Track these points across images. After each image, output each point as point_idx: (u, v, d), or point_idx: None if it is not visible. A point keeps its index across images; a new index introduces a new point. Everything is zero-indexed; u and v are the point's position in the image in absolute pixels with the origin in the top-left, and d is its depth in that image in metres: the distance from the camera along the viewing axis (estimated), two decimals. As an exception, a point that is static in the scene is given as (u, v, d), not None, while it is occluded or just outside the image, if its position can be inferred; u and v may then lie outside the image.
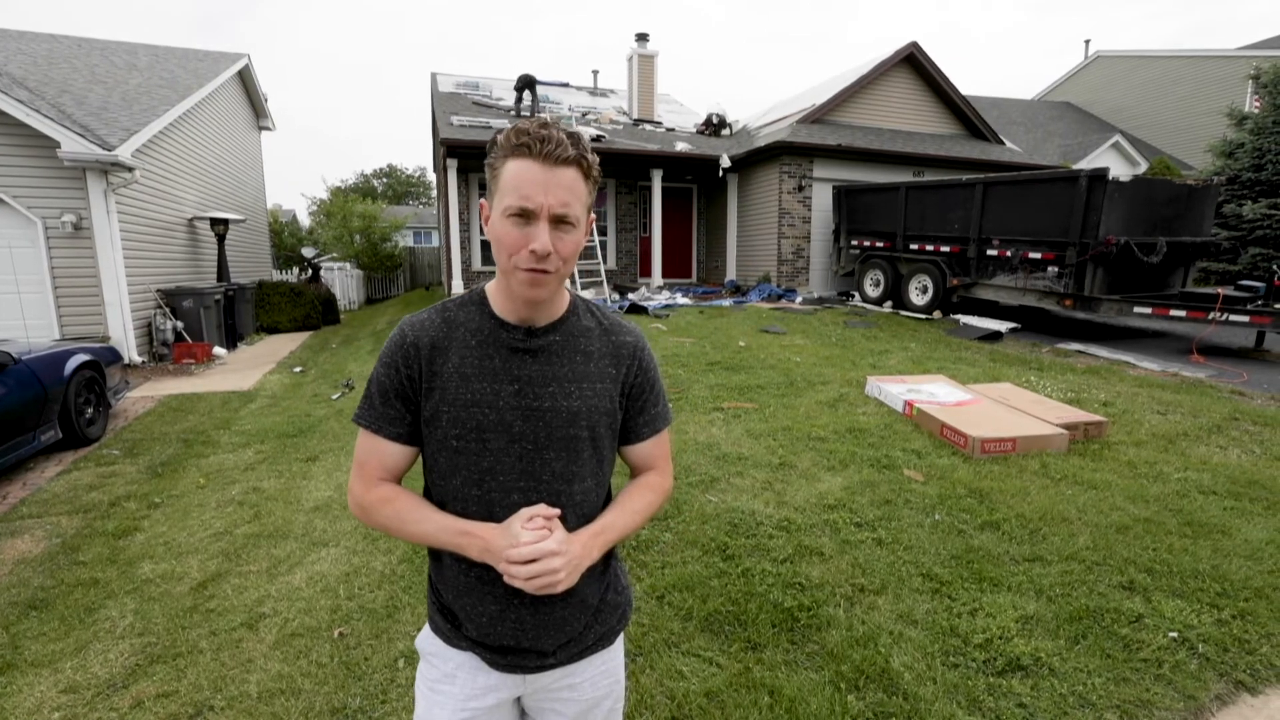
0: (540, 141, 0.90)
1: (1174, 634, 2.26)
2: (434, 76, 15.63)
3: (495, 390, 0.99)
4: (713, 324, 8.61)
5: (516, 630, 1.03)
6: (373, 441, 1.04)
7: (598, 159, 0.98)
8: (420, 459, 1.09)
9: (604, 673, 1.14)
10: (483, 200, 1.02)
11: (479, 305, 1.04)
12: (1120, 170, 16.64)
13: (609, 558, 1.14)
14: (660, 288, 12.74)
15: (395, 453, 1.05)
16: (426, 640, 1.13)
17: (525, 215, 0.91)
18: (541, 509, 0.98)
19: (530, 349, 1.02)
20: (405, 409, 1.03)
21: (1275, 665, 2.13)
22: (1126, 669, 2.11)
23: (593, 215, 1.04)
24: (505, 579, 0.95)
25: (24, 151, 7.27)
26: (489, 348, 1.01)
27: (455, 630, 1.08)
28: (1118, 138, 18.09)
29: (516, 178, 0.91)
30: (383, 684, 2.14)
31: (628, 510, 1.09)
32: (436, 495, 1.05)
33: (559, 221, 0.92)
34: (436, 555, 1.09)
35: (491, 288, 1.06)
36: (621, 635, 1.19)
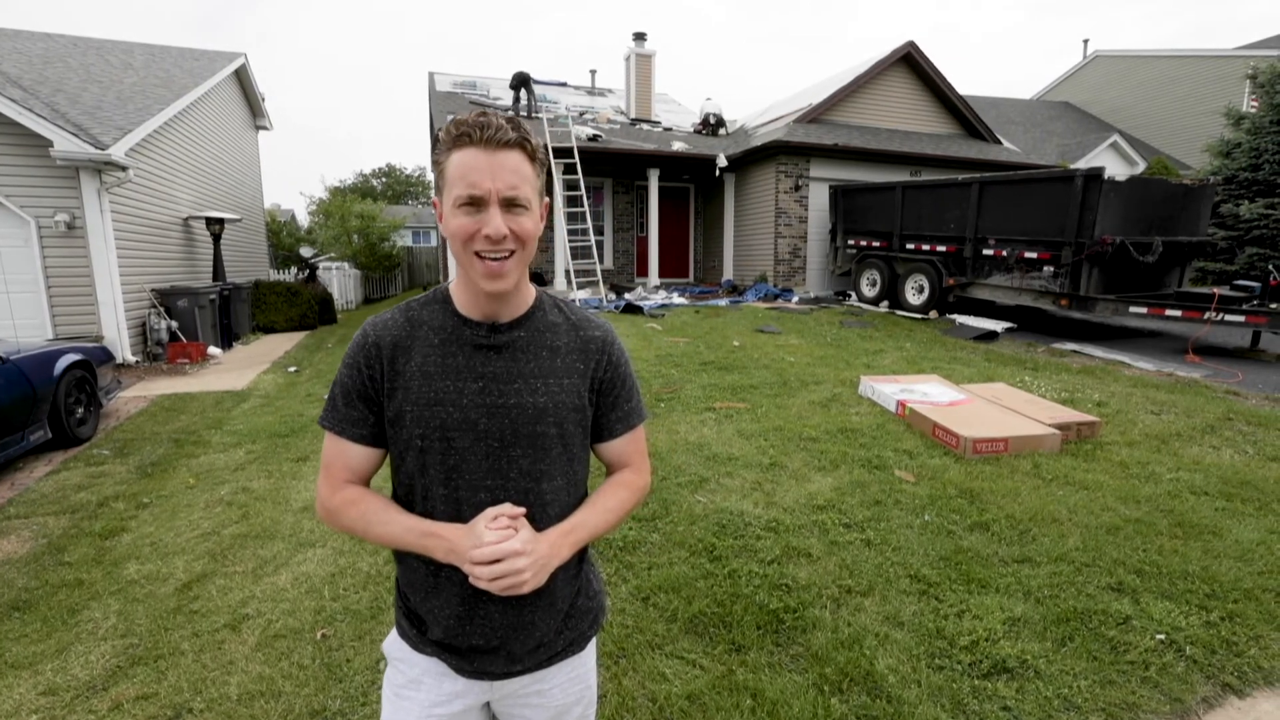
0: (480, 128, 0.90)
1: (1161, 636, 2.24)
2: (431, 76, 15.61)
3: (459, 388, 0.98)
4: (708, 324, 8.59)
5: (485, 632, 1.02)
6: (338, 444, 1.03)
7: (541, 142, 0.98)
8: (388, 460, 1.07)
9: (574, 679, 1.12)
10: (435, 198, 1.01)
11: (442, 303, 1.04)
12: (1118, 170, 16.63)
13: (581, 561, 1.12)
14: (657, 287, 12.72)
15: (360, 455, 1.03)
16: (393, 644, 1.11)
17: (475, 203, 0.91)
18: (506, 508, 0.97)
19: (494, 345, 1.01)
20: (369, 410, 1.02)
21: (1263, 668, 2.11)
22: (1113, 671, 2.09)
23: (547, 200, 1.02)
24: (470, 580, 0.93)
25: (17, 150, 7.24)
26: (452, 345, 1.00)
27: (420, 634, 1.06)
28: (1116, 137, 18.08)
29: (462, 167, 0.90)
30: (363, 686, 2.12)
31: (600, 509, 1.07)
32: (404, 495, 1.04)
33: (510, 205, 0.92)
34: (402, 557, 1.07)
35: (454, 286, 1.05)
36: (594, 641, 1.18)
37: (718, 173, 12.78)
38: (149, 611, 2.65)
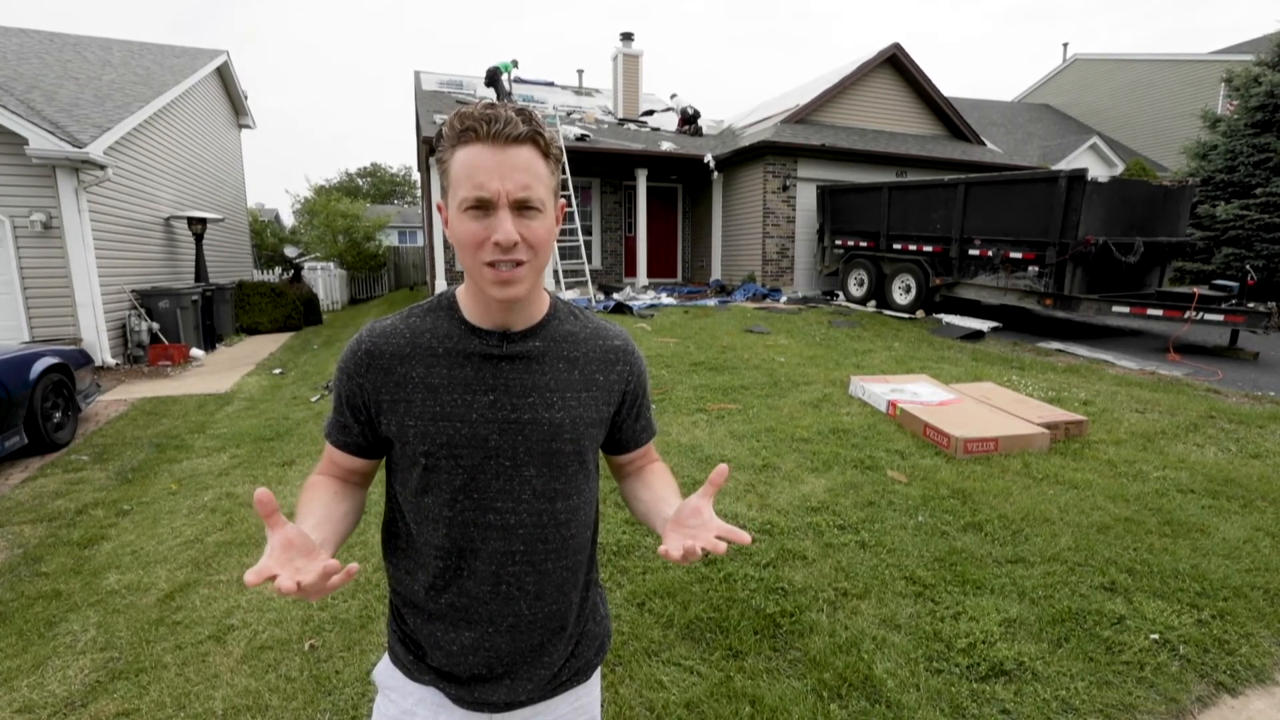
0: (487, 122, 0.81)
1: (1155, 636, 2.25)
2: (417, 75, 15.46)
3: (468, 402, 0.91)
4: (697, 324, 8.58)
5: (490, 660, 0.96)
6: (329, 448, 1.00)
7: (557, 134, 0.92)
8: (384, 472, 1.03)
9: (578, 710, 1.07)
10: (439, 202, 0.92)
11: (448, 310, 0.96)
12: (1098, 171, 16.84)
13: (591, 584, 1.08)
14: (645, 287, 12.70)
15: (347, 460, 1.00)
16: (384, 672, 1.05)
17: (483, 206, 0.82)
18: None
19: (507, 355, 0.94)
20: (355, 419, 0.96)
21: (1254, 666, 2.13)
22: (1109, 672, 2.10)
23: (563, 201, 0.95)
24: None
25: (-10, 148, 7.07)
26: (459, 356, 0.93)
27: (418, 661, 1.00)
28: (1095, 139, 18.33)
29: (467, 166, 0.82)
30: (354, 698, 2.07)
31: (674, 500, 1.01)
32: (409, 514, 0.98)
33: (522, 207, 0.83)
34: (399, 577, 1.01)
35: (462, 291, 0.97)
36: (599, 670, 1.13)
37: (715, 172, 12.75)
38: (130, 623, 2.58)
